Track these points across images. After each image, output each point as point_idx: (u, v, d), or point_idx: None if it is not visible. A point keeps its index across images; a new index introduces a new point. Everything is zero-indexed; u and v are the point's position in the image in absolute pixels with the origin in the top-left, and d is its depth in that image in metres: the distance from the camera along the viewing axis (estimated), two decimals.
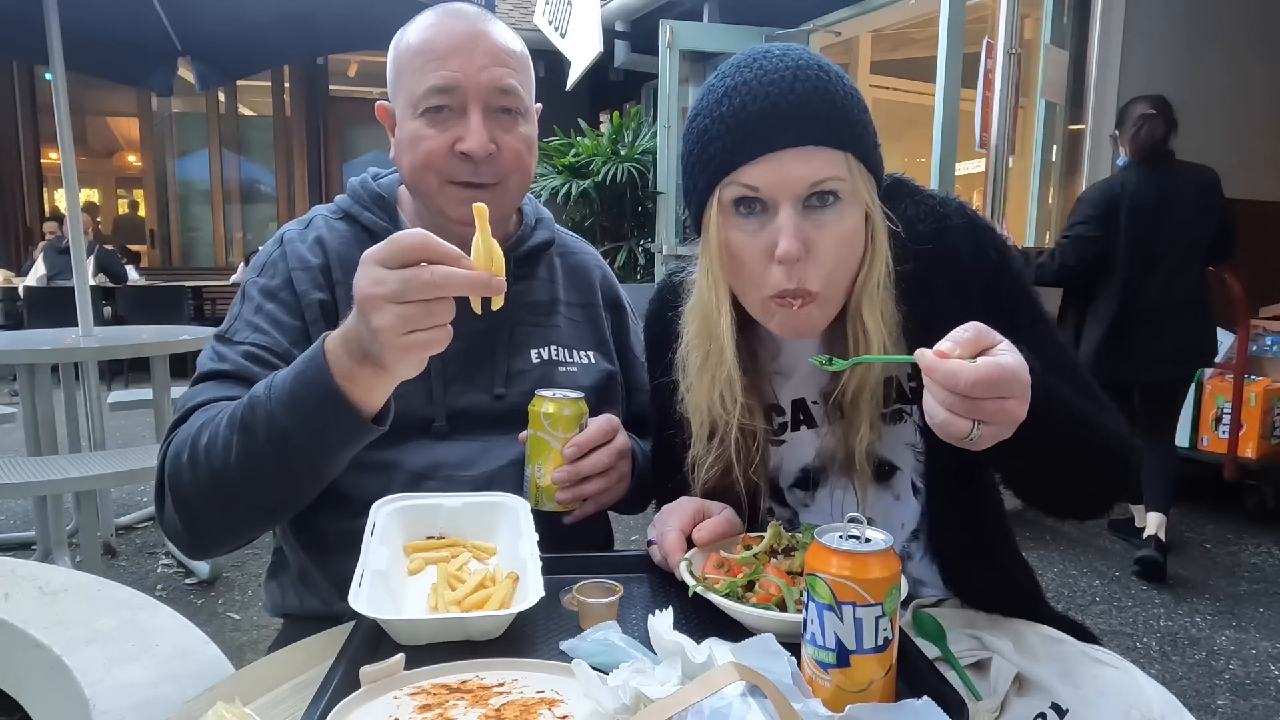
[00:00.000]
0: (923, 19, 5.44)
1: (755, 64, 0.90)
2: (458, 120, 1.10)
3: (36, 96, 9.45)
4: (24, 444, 3.55)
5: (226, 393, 1.05)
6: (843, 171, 0.88)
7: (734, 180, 0.89)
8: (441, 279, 0.81)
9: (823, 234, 0.89)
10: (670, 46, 5.94)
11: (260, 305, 1.13)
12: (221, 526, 1.04)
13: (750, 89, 0.88)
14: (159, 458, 1.04)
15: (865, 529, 0.72)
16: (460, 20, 1.13)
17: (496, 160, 1.12)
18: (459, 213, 1.12)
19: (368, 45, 3.68)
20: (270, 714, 0.74)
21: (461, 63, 1.09)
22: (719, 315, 0.96)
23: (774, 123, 0.87)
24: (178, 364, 3.71)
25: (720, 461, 1.01)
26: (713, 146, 0.90)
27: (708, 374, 0.99)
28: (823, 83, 0.88)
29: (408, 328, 0.82)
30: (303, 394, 0.91)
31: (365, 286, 0.83)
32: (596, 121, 7.79)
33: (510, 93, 1.12)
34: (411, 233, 0.83)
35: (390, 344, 0.83)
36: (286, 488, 0.99)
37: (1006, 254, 1.00)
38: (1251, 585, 3.31)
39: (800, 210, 0.88)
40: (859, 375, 0.94)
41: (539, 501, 1.06)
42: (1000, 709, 0.86)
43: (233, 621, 2.97)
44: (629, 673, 0.65)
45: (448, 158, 1.11)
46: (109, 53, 3.89)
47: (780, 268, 0.88)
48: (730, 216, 0.91)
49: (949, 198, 1.02)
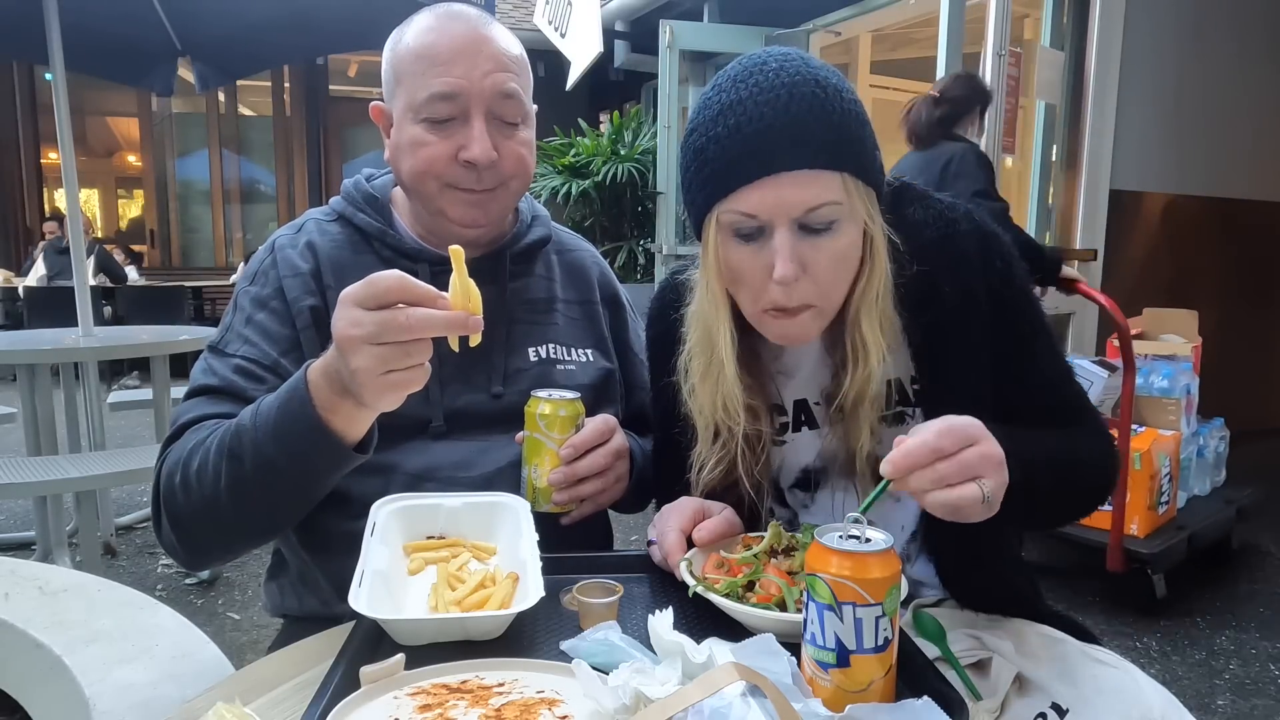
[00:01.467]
0: (923, 19, 5.44)
1: (751, 78, 0.88)
2: (460, 127, 1.10)
3: (36, 96, 9.45)
4: (24, 444, 3.55)
5: (217, 409, 1.06)
6: (838, 194, 0.88)
7: (731, 208, 0.89)
8: (418, 321, 0.82)
9: (819, 254, 0.89)
10: (670, 46, 5.94)
11: (250, 316, 1.14)
12: (216, 545, 1.07)
13: (745, 108, 0.87)
14: (154, 473, 1.06)
15: (865, 529, 0.72)
16: (461, 23, 1.12)
17: (498, 166, 1.12)
18: (460, 214, 1.13)
19: (367, 45, 3.68)
20: (270, 714, 0.74)
21: (465, 69, 1.09)
22: (719, 328, 0.97)
23: (769, 146, 0.86)
24: (178, 364, 3.71)
25: (723, 463, 1.01)
26: (708, 168, 0.89)
27: (710, 382, 0.99)
28: (819, 100, 0.87)
29: (385, 368, 0.83)
30: (286, 425, 0.93)
31: (343, 328, 0.83)
32: (596, 121, 7.79)
33: (513, 98, 1.12)
34: (388, 274, 0.83)
35: (368, 384, 0.84)
36: (276, 512, 1.02)
37: (1012, 262, 1.00)
38: (1251, 585, 3.31)
39: (796, 232, 0.88)
40: (860, 382, 0.95)
41: (536, 503, 1.06)
42: (1000, 709, 0.86)
43: (233, 621, 2.97)
44: (629, 673, 0.65)
45: (450, 165, 1.10)
46: (109, 53, 3.89)
47: (777, 287, 0.89)
48: (728, 237, 0.91)
49: (956, 203, 1.01)
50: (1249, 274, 4.68)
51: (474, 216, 1.14)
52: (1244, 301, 4.69)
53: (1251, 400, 4.64)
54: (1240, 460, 3.81)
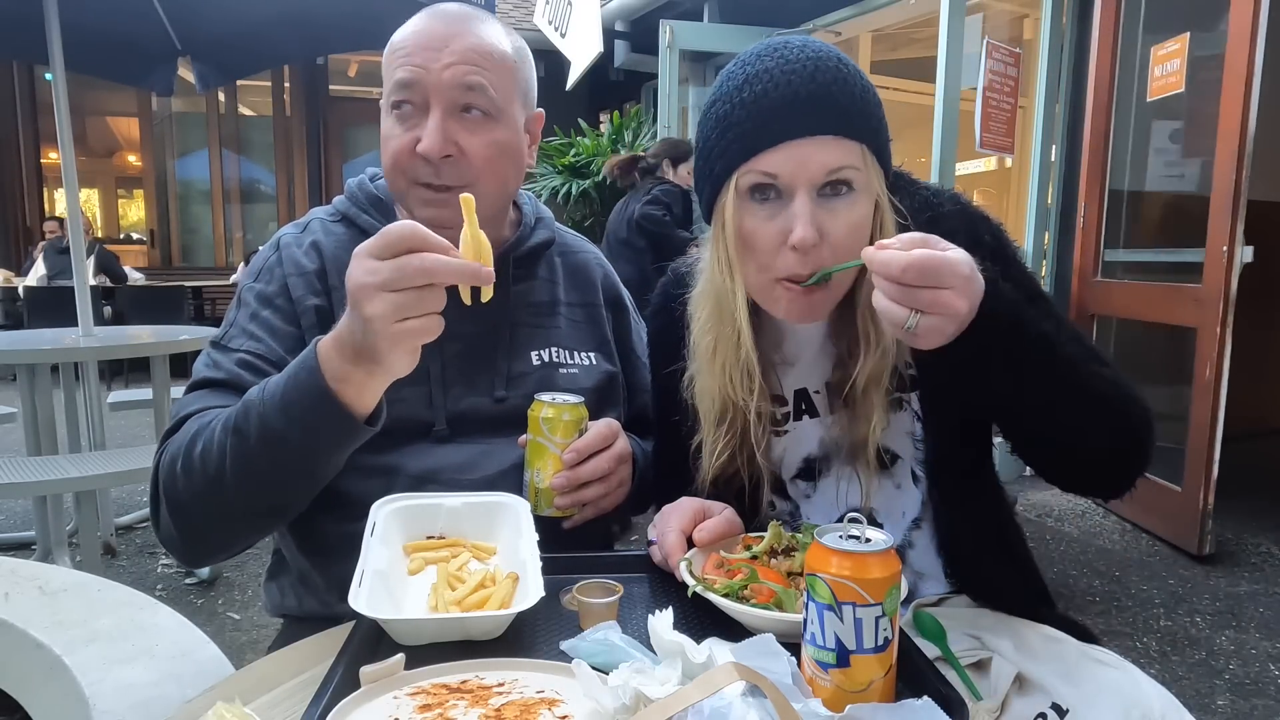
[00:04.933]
0: (923, 19, 5.44)
1: (776, 53, 0.91)
2: (420, 119, 1.08)
3: (36, 96, 9.44)
4: (24, 444, 3.55)
5: (220, 401, 1.05)
6: (858, 162, 0.90)
7: (753, 168, 0.90)
8: (432, 264, 0.82)
9: (836, 221, 0.90)
10: (670, 46, 5.94)
11: (256, 312, 1.13)
12: (217, 533, 1.04)
13: (772, 76, 0.89)
14: (153, 466, 1.04)
15: (865, 529, 0.72)
16: (440, 20, 1.11)
17: (459, 164, 1.08)
18: (424, 214, 1.09)
19: (368, 45, 3.69)
20: (270, 714, 0.74)
21: (425, 58, 1.06)
22: (734, 298, 0.97)
23: (795, 110, 0.88)
24: (178, 364, 3.71)
25: (730, 446, 1.02)
26: (732, 132, 0.91)
27: (720, 358, 1.00)
28: (842, 74, 0.90)
29: (400, 315, 0.83)
30: (295, 397, 0.92)
31: (358, 277, 0.84)
32: (596, 121, 7.79)
33: (476, 90, 1.07)
34: (402, 224, 0.84)
35: (383, 332, 0.83)
36: (281, 491, 1.00)
37: (1001, 236, 1.02)
38: (1251, 585, 3.31)
39: (815, 198, 0.90)
40: (871, 365, 0.96)
41: (538, 506, 1.06)
42: (1001, 709, 0.86)
43: (233, 621, 2.97)
44: (629, 673, 0.65)
45: (411, 158, 1.08)
46: (109, 53, 3.89)
47: (794, 254, 0.90)
48: (745, 202, 0.93)
49: (942, 189, 1.04)
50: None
51: (433, 216, 1.07)
52: None
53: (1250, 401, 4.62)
54: (1240, 460, 3.81)
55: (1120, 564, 3.51)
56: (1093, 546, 3.72)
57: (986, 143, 4.32)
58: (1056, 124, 4.49)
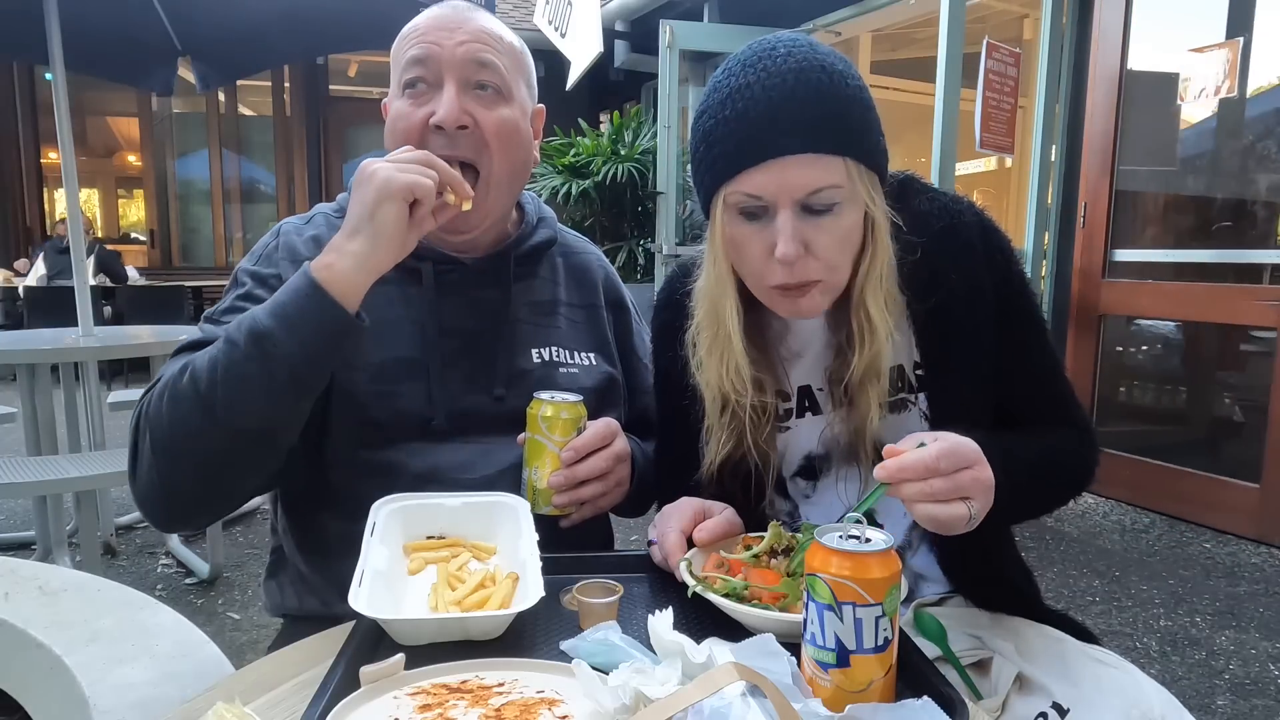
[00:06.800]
0: (923, 19, 5.44)
1: (760, 63, 0.91)
2: (434, 95, 1.10)
3: (36, 96, 9.44)
4: (24, 444, 3.55)
5: None
6: (841, 178, 0.90)
7: (737, 189, 0.91)
8: (433, 159, 1.00)
9: (820, 234, 0.91)
10: (670, 46, 5.93)
11: (250, 291, 1.13)
12: (201, 472, 0.99)
13: (753, 93, 0.89)
14: (131, 421, 1.02)
15: (865, 529, 0.72)
16: (449, 8, 1.15)
17: (473, 135, 1.11)
18: None
19: (368, 45, 3.69)
20: (270, 714, 0.74)
21: (439, 36, 1.10)
22: (725, 303, 0.99)
23: (775, 130, 0.88)
24: None
25: (733, 435, 1.03)
26: (715, 149, 0.92)
27: (716, 355, 1.01)
28: (825, 86, 0.89)
29: (400, 170, 0.96)
30: (283, 297, 0.96)
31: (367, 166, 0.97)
32: (596, 121, 7.79)
33: (489, 67, 1.11)
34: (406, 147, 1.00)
35: (384, 180, 0.95)
36: (271, 404, 0.96)
37: (1011, 255, 1.03)
38: (1251, 585, 3.31)
39: (799, 213, 0.90)
40: (868, 359, 0.97)
41: (536, 505, 1.06)
42: (1001, 708, 0.86)
43: (233, 621, 2.97)
44: (629, 673, 0.65)
45: (424, 133, 1.10)
46: (109, 53, 3.89)
47: (781, 265, 0.90)
48: (734, 216, 0.94)
49: (960, 196, 1.05)
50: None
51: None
52: None
53: None
54: None
55: (1120, 564, 3.50)
56: (1093, 546, 3.72)
57: (986, 143, 4.32)
58: (1056, 124, 4.48)
